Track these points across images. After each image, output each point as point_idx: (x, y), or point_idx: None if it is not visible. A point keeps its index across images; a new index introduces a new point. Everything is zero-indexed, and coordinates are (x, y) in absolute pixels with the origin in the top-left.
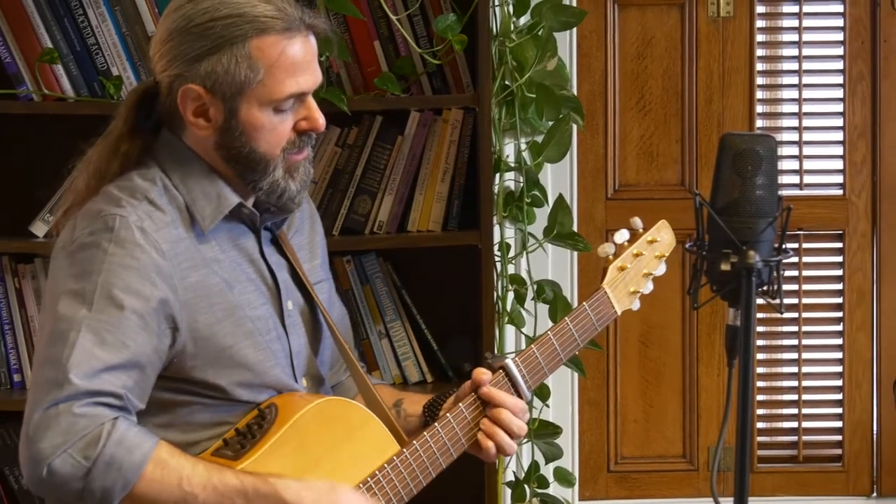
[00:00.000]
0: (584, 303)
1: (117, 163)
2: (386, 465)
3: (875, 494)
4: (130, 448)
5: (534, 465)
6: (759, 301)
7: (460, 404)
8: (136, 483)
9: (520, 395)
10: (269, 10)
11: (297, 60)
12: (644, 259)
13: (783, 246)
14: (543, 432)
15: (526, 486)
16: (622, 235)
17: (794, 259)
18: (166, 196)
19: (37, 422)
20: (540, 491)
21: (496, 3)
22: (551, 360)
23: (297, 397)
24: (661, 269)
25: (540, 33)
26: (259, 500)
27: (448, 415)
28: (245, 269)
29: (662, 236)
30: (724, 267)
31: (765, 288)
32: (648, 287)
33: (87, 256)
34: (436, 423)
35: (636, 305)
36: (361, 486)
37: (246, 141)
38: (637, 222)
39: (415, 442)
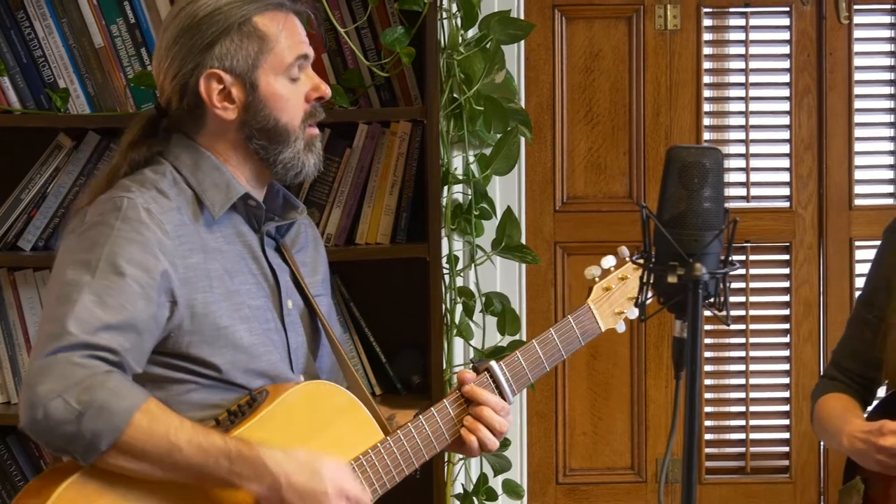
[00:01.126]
0: (569, 316)
1: (126, 165)
2: (370, 451)
3: None
4: (122, 396)
5: (482, 478)
6: (706, 313)
7: (445, 400)
8: (124, 430)
9: (503, 397)
10: None
11: (296, 30)
12: (629, 283)
13: (729, 258)
14: None
15: (475, 499)
16: (608, 261)
17: (741, 271)
18: (175, 188)
19: (36, 368)
20: (488, 503)
21: (444, 15)
22: (535, 367)
23: (288, 384)
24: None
25: (488, 46)
26: (241, 463)
27: (432, 409)
28: (248, 264)
29: None
30: (671, 279)
31: (711, 300)
32: (634, 312)
33: (96, 233)
34: (420, 416)
35: (621, 327)
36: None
37: (269, 113)
38: (623, 250)
39: (399, 432)
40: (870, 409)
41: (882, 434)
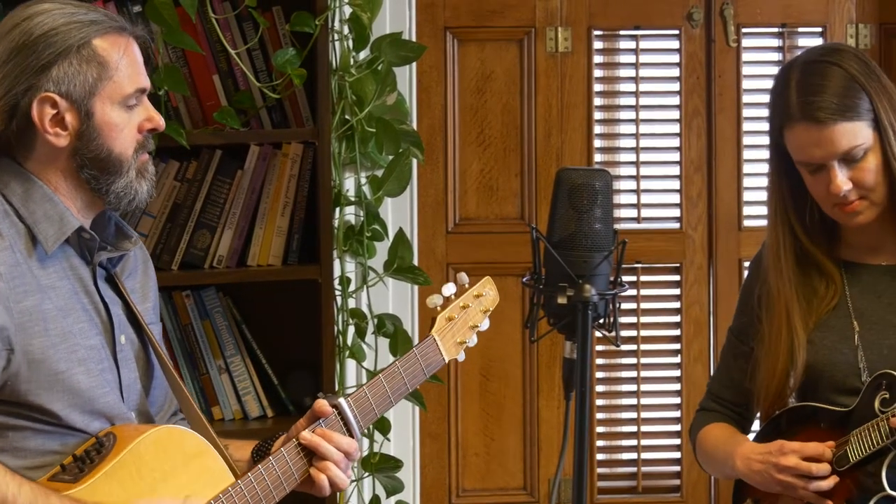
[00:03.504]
0: (414, 349)
1: None
2: (221, 496)
3: None
4: None
5: (375, 500)
6: (597, 334)
7: (294, 439)
8: None
9: (351, 434)
10: (100, 15)
11: (137, 59)
12: (471, 312)
13: (619, 279)
14: (384, 466)
15: None
16: (449, 289)
17: (633, 292)
18: (7, 221)
19: None
20: None
21: (335, 37)
22: (382, 402)
23: (132, 427)
24: (485, 324)
25: (379, 68)
26: None
27: (282, 449)
28: (80, 299)
29: (487, 291)
30: (561, 300)
31: (601, 321)
32: (473, 339)
33: None
34: (270, 457)
35: (461, 356)
36: None
37: (102, 143)
38: (463, 277)
39: (249, 474)
40: (751, 437)
41: (783, 454)
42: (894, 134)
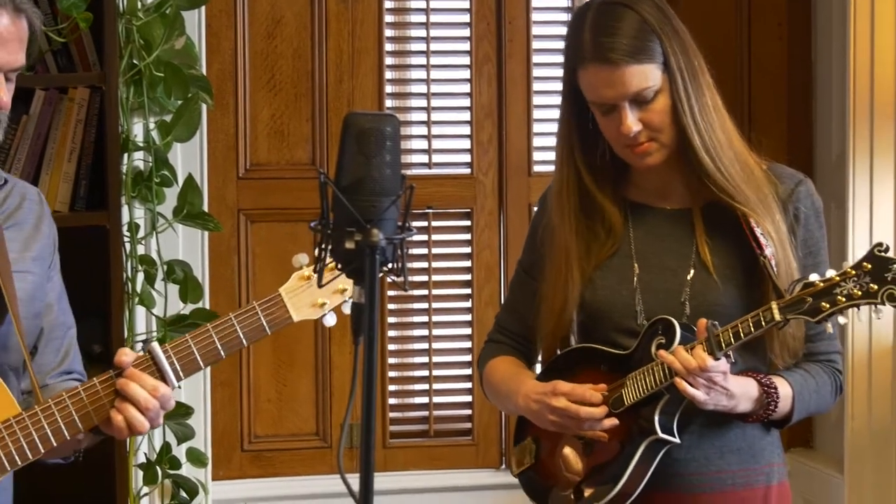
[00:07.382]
0: (256, 303)
1: None
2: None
3: (503, 466)
4: None
5: (165, 447)
6: (388, 279)
7: (95, 379)
8: None
9: (165, 380)
10: None
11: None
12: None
13: (407, 224)
14: (175, 413)
15: (158, 468)
16: None
17: (424, 237)
18: None
19: None
20: (172, 472)
21: None
22: (208, 354)
23: None
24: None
25: (167, 12)
26: None
27: (79, 387)
28: None
29: None
30: (349, 245)
31: (389, 266)
32: (347, 305)
33: None
34: (63, 393)
35: (330, 320)
36: None
37: None
38: None
39: (36, 407)
40: (538, 371)
41: (555, 395)
42: (682, 78)
